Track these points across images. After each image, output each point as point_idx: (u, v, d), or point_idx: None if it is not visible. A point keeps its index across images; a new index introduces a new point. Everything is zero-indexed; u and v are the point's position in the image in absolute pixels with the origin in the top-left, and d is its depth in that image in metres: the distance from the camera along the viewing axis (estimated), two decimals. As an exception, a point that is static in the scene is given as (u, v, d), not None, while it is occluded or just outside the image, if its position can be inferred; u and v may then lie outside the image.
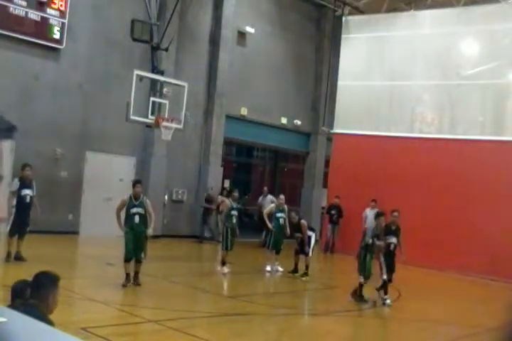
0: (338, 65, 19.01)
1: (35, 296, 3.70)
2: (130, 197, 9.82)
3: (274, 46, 20.43)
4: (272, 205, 13.75)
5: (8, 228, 10.71)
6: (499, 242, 14.34)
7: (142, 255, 9.79)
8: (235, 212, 12.38)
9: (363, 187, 17.24)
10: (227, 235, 12.16)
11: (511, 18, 15.81)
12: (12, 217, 10.71)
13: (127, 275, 9.65)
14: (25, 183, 10.83)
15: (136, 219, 9.75)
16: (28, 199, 10.85)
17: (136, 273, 9.80)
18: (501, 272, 14.12)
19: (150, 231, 9.90)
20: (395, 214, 10.30)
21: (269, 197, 18.62)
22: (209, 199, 17.58)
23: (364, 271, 10.08)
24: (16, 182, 10.76)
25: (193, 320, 8.10)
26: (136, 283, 9.75)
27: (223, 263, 12.12)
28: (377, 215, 10.39)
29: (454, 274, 14.70)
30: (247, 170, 22.30)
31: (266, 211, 13.65)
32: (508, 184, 14.95)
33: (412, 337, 8.53)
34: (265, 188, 19.08)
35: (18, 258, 10.64)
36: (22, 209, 10.79)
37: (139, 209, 9.77)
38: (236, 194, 12.83)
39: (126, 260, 9.69)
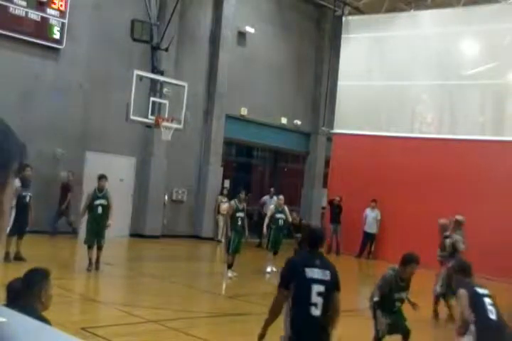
0: (338, 65, 19.01)
1: (27, 294, 3.70)
2: (95, 190, 11.00)
3: (274, 46, 20.43)
4: (272, 207, 13.48)
5: (9, 228, 10.71)
6: (499, 242, 14.33)
7: (102, 242, 10.84)
8: (240, 214, 11.88)
9: (363, 187, 17.24)
10: (232, 238, 11.67)
11: (511, 18, 15.82)
12: (12, 217, 10.72)
13: (90, 260, 10.74)
14: (25, 183, 10.88)
15: (99, 210, 10.86)
16: (28, 200, 10.93)
17: (98, 258, 10.81)
18: (502, 272, 14.11)
19: (110, 223, 10.94)
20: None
21: (275, 198, 18.32)
22: (66, 187, 14.91)
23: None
24: (17, 182, 10.77)
25: (193, 320, 8.10)
26: (97, 267, 10.78)
27: (229, 267, 11.68)
28: (408, 261, 6.32)
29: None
30: (247, 170, 22.28)
31: (268, 214, 13.30)
32: (509, 184, 14.94)
33: (412, 337, 8.52)
34: (272, 189, 18.81)
35: (18, 258, 10.64)
36: (22, 209, 10.81)
37: (102, 201, 10.89)
38: (242, 195, 12.44)
39: (90, 247, 10.81)
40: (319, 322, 4.37)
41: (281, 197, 13.48)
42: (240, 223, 11.85)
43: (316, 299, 4.36)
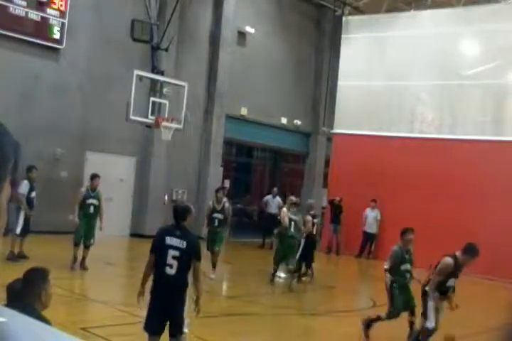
0: (338, 65, 19.01)
1: (28, 294, 3.71)
2: (87, 189, 11.07)
3: (274, 46, 20.43)
4: (284, 210, 12.33)
5: (19, 229, 10.74)
6: (499, 242, 14.33)
7: (92, 241, 10.80)
8: (217, 215, 11.39)
9: (363, 187, 17.24)
10: (207, 238, 11.36)
11: (511, 18, 15.82)
12: (22, 218, 10.80)
13: (75, 258, 10.65)
14: (32, 185, 10.98)
15: (91, 209, 10.89)
16: (35, 201, 11.10)
17: (84, 258, 10.74)
18: (501, 272, 14.12)
19: (104, 225, 10.90)
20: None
21: (278, 199, 18.04)
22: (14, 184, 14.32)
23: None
24: (26, 184, 10.83)
25: (193, 320, 8.09)
26: (83, 267, 10.70)
27: (213, 266, 11.32)
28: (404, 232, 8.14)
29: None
30: (247, 170, 22.30)
31: (285, 220, 11.85)
32: (508, 184, 14.95)
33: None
34: (275, 189, 18.65)
35: (21, 256, 10.74)
36: (30, 211, 10.96)
37: (94, 201, 10.95)
38: (220, 194, 11.65)
39: (76, 244, 10.72)
40: (173, 279, 5.49)
41: (293, 197, 13.04)
42: (216, 224, 11.38)
43: (171, 261, 5.51)
